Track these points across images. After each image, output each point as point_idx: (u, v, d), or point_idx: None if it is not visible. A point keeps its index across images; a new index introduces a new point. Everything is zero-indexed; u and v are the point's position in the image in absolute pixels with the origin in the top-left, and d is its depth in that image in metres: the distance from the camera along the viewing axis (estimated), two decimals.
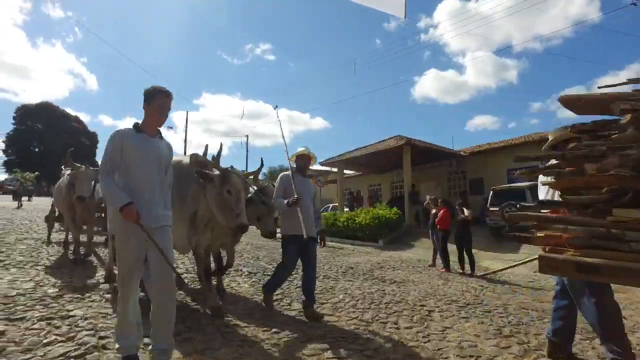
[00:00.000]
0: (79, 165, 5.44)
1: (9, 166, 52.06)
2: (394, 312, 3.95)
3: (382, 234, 12.41)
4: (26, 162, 50.06)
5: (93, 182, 5.37)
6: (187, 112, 29.82)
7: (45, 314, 3.11)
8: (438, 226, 7.99)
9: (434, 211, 8.77)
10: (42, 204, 26.25)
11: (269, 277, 4.15)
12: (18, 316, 3.03)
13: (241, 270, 5.81)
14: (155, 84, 2.49)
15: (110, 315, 3.18)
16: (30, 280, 4.28)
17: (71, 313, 3.14)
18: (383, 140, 17.83)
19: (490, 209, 11.60)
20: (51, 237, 7.15)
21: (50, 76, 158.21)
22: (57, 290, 3.88)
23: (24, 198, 29.48)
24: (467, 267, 7.46)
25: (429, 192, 12.98)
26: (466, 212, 7.63)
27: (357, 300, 4.40)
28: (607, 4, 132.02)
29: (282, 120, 4.07)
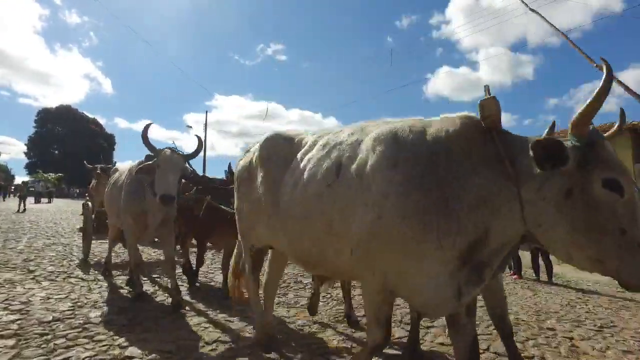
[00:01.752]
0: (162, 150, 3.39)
1: (31, 168, 52.90)
2: (534, 345, 3.03)
3: None
4: (47, 164, 50.79)
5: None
6: (206, 112, 29.12)
7: (92, 353, 2.38)
8: None
9: None
10: (63, 205, 26.24)
11: None
12: (60, 356, 2.31)
13: None
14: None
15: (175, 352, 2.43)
16: (66, 297, 3.60)
17: (126, 353, 2.39)
18: None
19: None
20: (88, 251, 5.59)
21: (68, 80, 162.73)
22: (99, 314, 3.17)
23: (44, 199, 29.70)
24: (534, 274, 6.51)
25: None
26: None
27: None
28: None
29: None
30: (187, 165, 3.81)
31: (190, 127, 30.09)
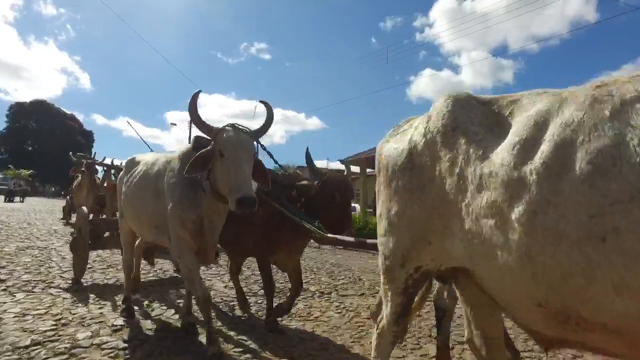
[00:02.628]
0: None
1: (1, 165, 50.17)
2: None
3: None
4: (19, 160, 48.19)
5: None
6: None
7: None
8: None
9: None
10: (37, 204, 24.75)
11: None
12: None
13: None
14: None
15: None
16: (47, 313, 3.04)
17: None
18: None
19: None
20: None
21: (43, 74, 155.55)
22: (89, 334, 2.64)
23: (17, 198, 27.98)
24: None
25: None
26: None
27: None
28: (604, 4, 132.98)
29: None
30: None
31: (175, 124, 29.85)
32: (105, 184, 7.15)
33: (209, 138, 2.30)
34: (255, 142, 2.45)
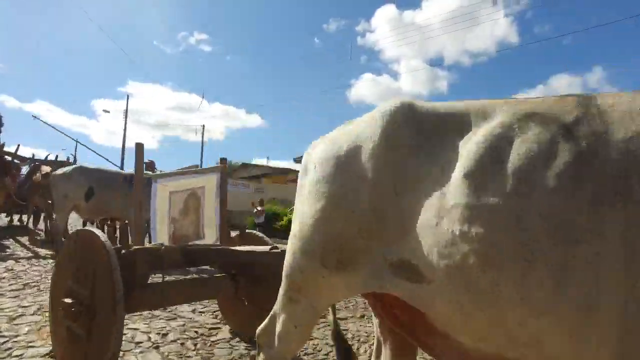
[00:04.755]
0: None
1: None
2: None
3: None
4: None
5: None
6: (127, 96, 26.20)
7: None
8: None
9: None
10: None
11: None
12: None
13: None
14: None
15: None
16: None
17: None
18: None
19: None
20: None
21: None
22: None
23: None
24: None
25: None
26: None
27: None
28: (525, 28, 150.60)
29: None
30: None
31: (108, 111, 27.54)
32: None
33: None
34: None
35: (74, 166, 6.28)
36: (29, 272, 4.46)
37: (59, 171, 5.97)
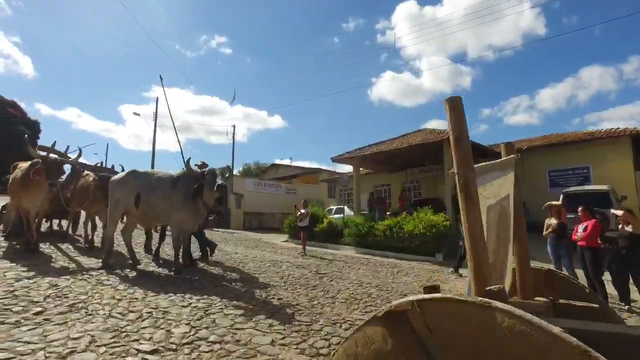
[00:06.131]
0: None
1: None
2: None
3: (439, 246, 10.12)
4: None
5: None
6: (157, 99, 26.73)
7: None
8: (583, 242, 5.79)
9: (552, 221, 6.61)
10: None
11: None
12: None
13: None
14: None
15: None
16: None
17: None
18: (410, 133, 15.73)
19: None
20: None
21: None
22: None
23: None
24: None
25: None
26: (633, 222, 5.46)
27: None
28: (551, 20, 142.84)
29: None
30: None
31: (139, 114, 29.17)
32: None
33: None
34: None
35: (127, 171, 5.83)
36: (74, 288, 3.92)
37: (116, 177, 5.69)
